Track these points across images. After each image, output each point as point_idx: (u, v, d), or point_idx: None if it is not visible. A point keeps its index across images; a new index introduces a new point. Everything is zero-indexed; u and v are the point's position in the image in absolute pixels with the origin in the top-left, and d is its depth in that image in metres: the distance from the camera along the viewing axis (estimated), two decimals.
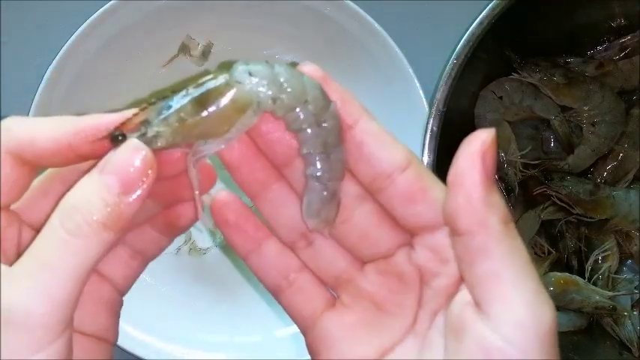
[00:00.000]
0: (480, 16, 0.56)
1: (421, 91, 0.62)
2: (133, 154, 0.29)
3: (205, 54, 0.67)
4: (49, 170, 0.33)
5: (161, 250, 0.36)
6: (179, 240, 0.66)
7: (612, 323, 0.63)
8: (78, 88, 0.63)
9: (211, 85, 0.30)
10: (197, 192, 0.32)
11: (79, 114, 0.31)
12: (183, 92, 0.30)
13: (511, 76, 0.63)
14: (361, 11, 0.62)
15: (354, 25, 0.63)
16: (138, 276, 0.36)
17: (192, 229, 0.66)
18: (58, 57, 0.61)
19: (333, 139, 0.31)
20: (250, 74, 0.30)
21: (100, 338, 0.34)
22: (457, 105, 0.58)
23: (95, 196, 0.28)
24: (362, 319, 0.33)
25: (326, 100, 0.30)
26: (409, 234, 0.32)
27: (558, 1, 0.61)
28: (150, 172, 0.29)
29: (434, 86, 0.58)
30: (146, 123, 0.30)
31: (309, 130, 0.31)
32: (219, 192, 0.33)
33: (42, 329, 0.27)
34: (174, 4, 0.63)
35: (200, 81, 0.30)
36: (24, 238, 0.32)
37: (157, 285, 0.65)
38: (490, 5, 0.56)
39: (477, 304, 0.28)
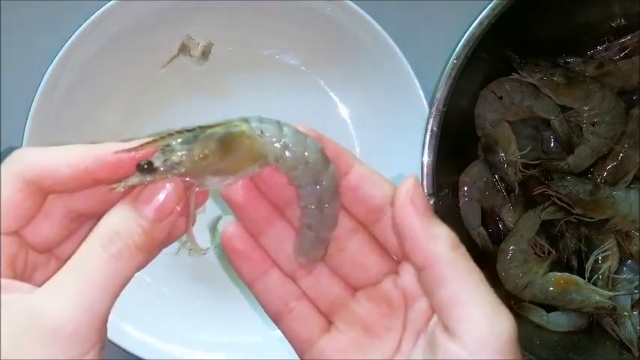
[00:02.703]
0: (480, 16, 0.56)
1: (421, 91, 0.62)
2: (166, 187, 0.32)
3: (205, 54, 0.67)
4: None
5: None
6: (179, 240, 0.66)
7: (612, 323, 0.63)
8: (78, 88, 0.63)
9: (234, 130, 0.33)
10: (192, 212, 0.35)
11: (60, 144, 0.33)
12: (209, 131, 0.33)
13: (511, 76, 0.63)
14: (361, 11, 0.62)
15: (354, 25, 0.63)
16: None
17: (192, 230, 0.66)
18: (58, 57, 0.61)
19: (328, 196, 0.35)
20: (262, 132, 0.33)
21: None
22: (457, 105, 0.58)
23: (134, 224, 0.32)
24: (354, 343, 0.37)
25: (325, 163, 0.34)
26: (395, 262, 0.37)
27: (558, 1, 0.61)
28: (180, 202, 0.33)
29: (434, 86, 0.58)
30: (169, 149, 0.32)
31: (307, 188, 0.34)
32: (228, 222, 0.37)
33: (85, 340, 0.31)
34: (174, 4, 0.63)
35: (222, 123, 0.33)
36: (29, 259, 0.34)
37: (157, 285, 0.65)
38: (490, 5, 0.56)
39: (445, 326, 0.32)
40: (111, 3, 0.61)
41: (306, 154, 0.34)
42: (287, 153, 0.34)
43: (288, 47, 0.67)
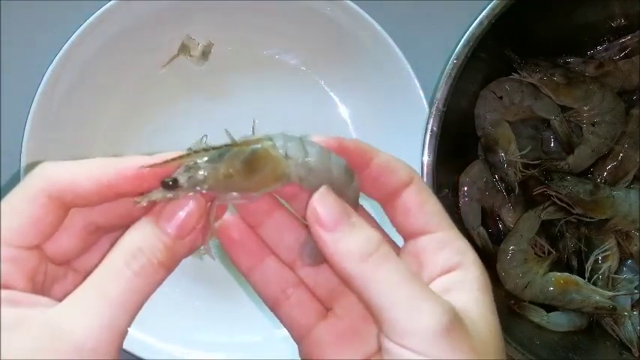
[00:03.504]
0: (480, 16, 0.56)
1: (421, 91, 0.62)
2: (189, 204, 0.33)
3: (205, 54, 0.67)
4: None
5: None
6: None
7: (612, 323, 0.63)
8: (78, 88, 0.63)
9: (259, 150, 0.33)
10: (212, 226, 0.35)
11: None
12: (235, 149, 0.33)
13: (511, 76, 0.63)
14: (361, 11, 0.62)
15: (354, 25, 0.63)
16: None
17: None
18: (58, 57, 0.61)
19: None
20: (287, 153, 0.33)
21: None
22: (457, 105, 0.58)
23: (156, 240, 0.32)
24: (351, 328, 0.36)
25: (350, 178, 0.34)
26: (397, 248, 0.36)
27: (558, 1, 0.61)
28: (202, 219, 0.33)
29: (434, 86, 0.58)
30: (194, 167, 0.32)
31: None
32: (224, 217, 0.36)
33: (104, 355, 0.31)
34: (174, 4, 0.63)
35: (247, 140, 0.33)
36: (47, 272, 0.34)
37: None
38: (490, 5, 0.56)
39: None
40: (111, 3, 0.61)
41: (330, 173, 0.34)
42: (311, 175, 0.33)
43: (288, 47, 0.67)
